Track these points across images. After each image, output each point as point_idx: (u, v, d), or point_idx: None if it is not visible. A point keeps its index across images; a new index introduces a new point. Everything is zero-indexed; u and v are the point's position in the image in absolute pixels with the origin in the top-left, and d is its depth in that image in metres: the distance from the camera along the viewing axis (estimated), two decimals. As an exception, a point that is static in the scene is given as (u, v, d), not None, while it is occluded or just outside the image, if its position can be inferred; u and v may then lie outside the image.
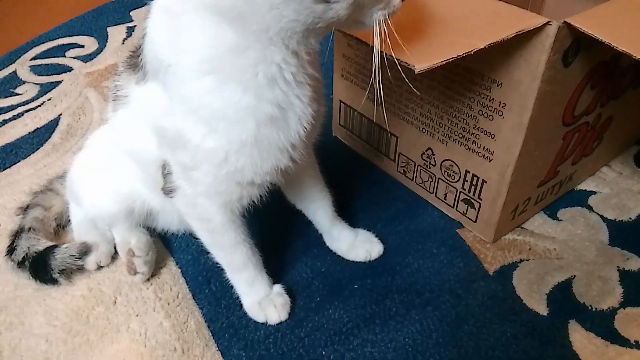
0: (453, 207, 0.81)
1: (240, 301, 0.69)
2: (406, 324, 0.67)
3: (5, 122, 1.07)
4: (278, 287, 0.69)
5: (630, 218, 0.83)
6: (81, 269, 0.74)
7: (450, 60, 0.52)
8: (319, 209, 0.73)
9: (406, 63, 0.51)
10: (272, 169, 0.54)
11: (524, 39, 0.58)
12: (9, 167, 0.96)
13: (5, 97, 1.16)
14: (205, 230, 0.62)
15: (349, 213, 0.84)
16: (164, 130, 0.54)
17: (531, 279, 0.73)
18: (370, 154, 0.94)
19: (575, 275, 0.73)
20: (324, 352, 0.64)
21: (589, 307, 0.69)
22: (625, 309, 0.69)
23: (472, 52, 0.53)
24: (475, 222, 0.78)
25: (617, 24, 0.57)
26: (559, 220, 0.82)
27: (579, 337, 0.65)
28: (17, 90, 1.18)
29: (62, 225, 0.81)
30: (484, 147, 0.71)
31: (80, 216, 0.77)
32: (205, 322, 0.68)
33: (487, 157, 0.71)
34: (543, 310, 0.69)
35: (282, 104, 0.50)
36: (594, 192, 0.88)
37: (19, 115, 1.09)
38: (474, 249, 0.78)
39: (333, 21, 0.45)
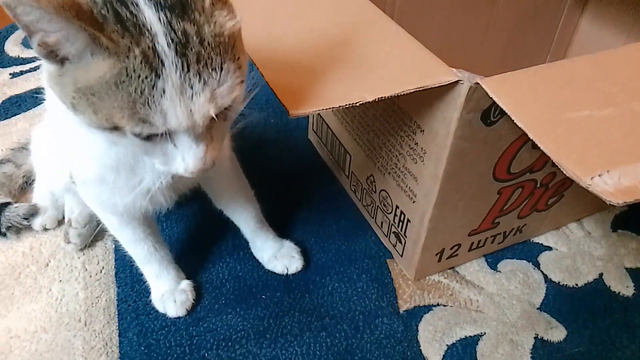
0: (387, 237, 0.80)
1: (150, 288, 0.74)
2: (294, 345, 0.69)
3: (22, 73, 1.17)
4: (185, 284, 0.73)
5: (577, 284, 0.78)
6: (29, 228, 0.81)
7: (324, 110, 0.51)
8: (241, 220, 0.75)
9: (283, 104, 0.51)
10: (129, 205, 0.57)
11: (441, 91, 0.56)
12: (9, 117, 1.05)
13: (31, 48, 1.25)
14: (106, 224, 0.66)
15: (292, 220, 0.85)
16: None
17: (438, 326, 0.72)
18: (332, 165, 0.94)
19: (485, 333, 0.71)
20: (206, 355, 0.68)
21: (485, 370, 0.67)
22: (523, 381, 0.67)
23: (346, 105, 0.51)
24: (401, 256, 0.77)
25: (538, 92, 0.53)
26: (497, 271, 0.79)
27: (457, 398, 0.64)
28: (45, 43, 1.27)
29: (29, 182, 0.88)
30: (409, 188, 0.69)
31: (40, 180, 0.84)
32: (117, 301, 0.74)
33: (411, 197, 0.69)
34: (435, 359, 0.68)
35: (126, 161, 0.51)
36: (550, 248, 0.83)
37: (36, 69, 1.18)
38: (395, 282, 0.77)
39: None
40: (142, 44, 0.36)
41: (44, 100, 0.58)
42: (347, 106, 0.51)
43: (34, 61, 1.21)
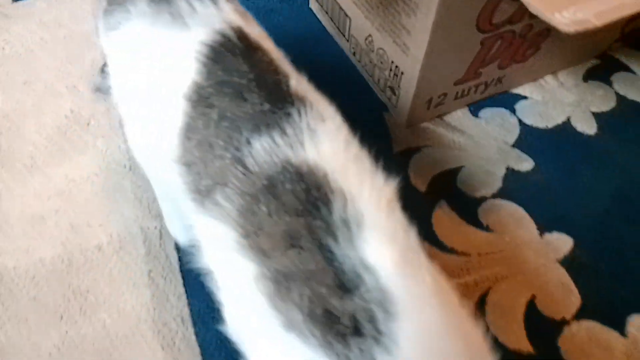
0: (383, 92, 0.91)
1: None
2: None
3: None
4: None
5: (547, 126, 0.90)
6: (67, 94, 0.92)
7: None
8: None
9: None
10: None
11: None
12: (26, -3, 1.10)
13: None
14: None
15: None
16: None
17: (425, 162, 0.85)
18: (333, 30, 1.02)
19: (465, 166, 0.85)
20: None
21: (463, 192, 0.82)
22: (495, 200, 0.81)
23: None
24: (395, 107, 0.89)
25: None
26: (478, 117, 0.91)
27: (441, 212, 0.79)
28: None
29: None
30: (403, 42, 0.79)
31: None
32: (153, 151, 0.86)
33: (404, 51, 0.79)
34: (422, 187, 0.82)
35: None
36: (526, 98, 0.94)
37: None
38: (391, 131, 0.90)
39: None
40: None
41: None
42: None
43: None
